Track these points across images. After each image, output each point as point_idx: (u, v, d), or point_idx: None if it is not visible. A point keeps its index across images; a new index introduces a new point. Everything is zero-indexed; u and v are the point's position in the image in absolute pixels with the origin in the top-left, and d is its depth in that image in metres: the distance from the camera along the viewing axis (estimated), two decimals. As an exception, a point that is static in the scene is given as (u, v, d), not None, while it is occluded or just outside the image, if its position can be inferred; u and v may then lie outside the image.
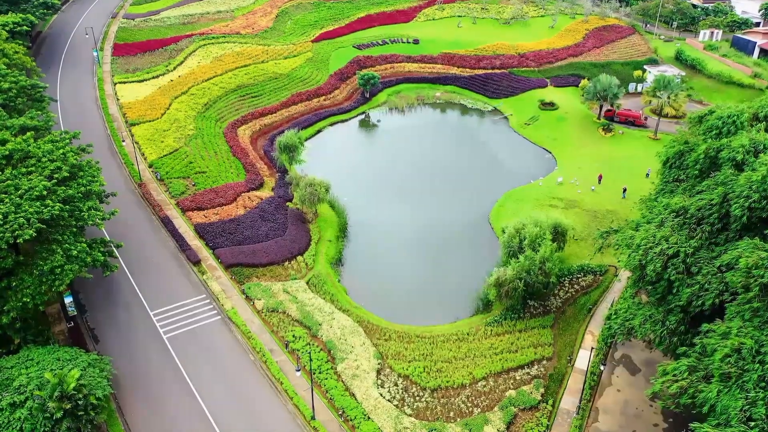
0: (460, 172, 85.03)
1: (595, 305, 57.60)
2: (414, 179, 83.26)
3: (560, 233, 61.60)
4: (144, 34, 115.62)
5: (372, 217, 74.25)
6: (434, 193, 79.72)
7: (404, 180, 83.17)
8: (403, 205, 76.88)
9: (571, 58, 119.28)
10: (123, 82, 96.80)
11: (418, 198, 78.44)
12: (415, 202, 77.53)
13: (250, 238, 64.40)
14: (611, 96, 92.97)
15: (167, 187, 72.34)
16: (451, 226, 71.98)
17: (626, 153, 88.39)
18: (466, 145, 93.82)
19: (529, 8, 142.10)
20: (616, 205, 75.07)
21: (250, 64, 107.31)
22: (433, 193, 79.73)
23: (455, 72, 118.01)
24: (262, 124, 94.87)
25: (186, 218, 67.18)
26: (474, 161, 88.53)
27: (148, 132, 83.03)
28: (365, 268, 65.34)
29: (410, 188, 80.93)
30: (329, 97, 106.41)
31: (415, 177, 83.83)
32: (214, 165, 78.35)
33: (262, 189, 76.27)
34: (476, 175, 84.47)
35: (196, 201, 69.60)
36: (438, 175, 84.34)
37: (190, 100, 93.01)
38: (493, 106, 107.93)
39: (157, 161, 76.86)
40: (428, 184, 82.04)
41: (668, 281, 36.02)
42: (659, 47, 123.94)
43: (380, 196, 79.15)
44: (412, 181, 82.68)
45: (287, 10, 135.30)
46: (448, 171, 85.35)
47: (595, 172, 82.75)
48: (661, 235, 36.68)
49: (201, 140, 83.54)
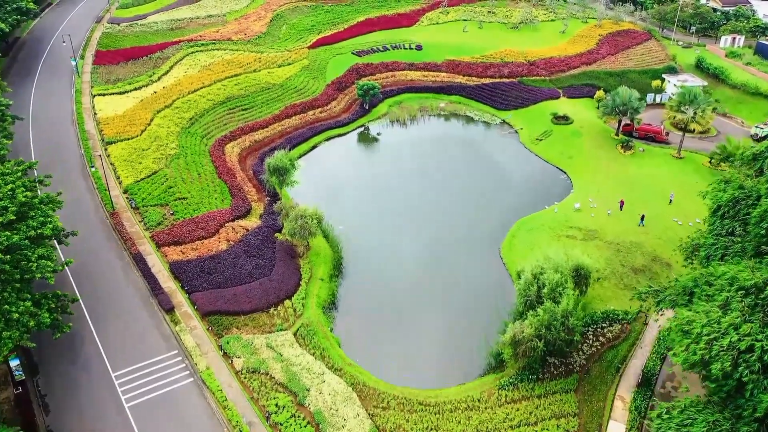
0: (468, 196, 77.61)
1: (625, 363, 50.27)
2: (416, 204, 75.88)
3: (582, 276, 54.25)
4: (128, 41, 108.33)
5: (369, 249, 66.94)
6: (439, 220, 72.31)
7: (405, 204, 75.80)
8: (405, 234, 69.57)
9: (584, 67, 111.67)
10: (102, 94, 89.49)
11: (420, 226, 71.08)
12: (417, 231, 70.19)
13: (232, 279, 57.09)
14: (631, 111, 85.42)
15: (142, 217, 65.07)
16: (459, 262, 64.64)
17: (648, 173, 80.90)
18: (473, 163, 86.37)
19: (539, 12, 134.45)
20: (640, 236, 67.63)
21: (241, 73, 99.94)
22: (437, 220, 72.33)
23: (461, 81, 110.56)
24: (252, 140, 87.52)
25: (161, 255, 59.90)
26: (482, 182, 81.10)
27: (126, 152, 75.74)
28: (361, 313, 58.00)
29: (412, 214, 73.56)
30: (326, 109, 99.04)
31: (417, 201, 76.44)
32: (197, 189, 71.04)
33: (249, 217, 69.00)
34: (485, 198, 77.05)
35: (173, 234, 62.29)
36: (443, 199, 76.94)
37: (173, 115, 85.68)
38: (502, 118, 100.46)
39: (133, 186, 69.58)
40: (432, 209, 74.64)
41: (738, 380, 28.67)
42: (678, 54, 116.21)
43: (379, 224, 71.81)
44: (414, 206, 75.30)
45: (282, 13, 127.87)
46: (454, 194, 77.94)
47: (614, 195, 75.33)
48: (729, 322, 29.26)
49: (184, 160, 76.21)
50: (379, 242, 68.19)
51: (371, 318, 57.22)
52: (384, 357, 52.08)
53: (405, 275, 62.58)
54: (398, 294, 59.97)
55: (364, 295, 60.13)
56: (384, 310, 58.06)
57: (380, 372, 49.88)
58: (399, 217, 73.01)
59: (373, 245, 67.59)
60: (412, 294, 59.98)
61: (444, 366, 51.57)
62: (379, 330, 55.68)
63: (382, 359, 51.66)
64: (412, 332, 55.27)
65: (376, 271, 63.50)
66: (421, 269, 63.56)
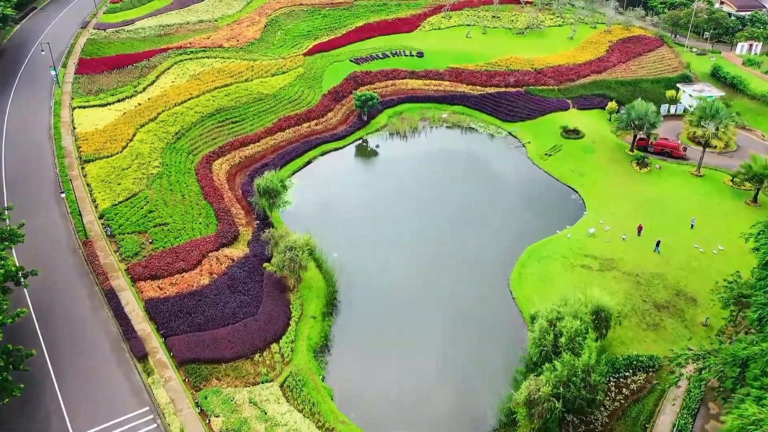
0: (473, 218, 72.03)
1: (652, 420, 44.71)
2: (417, 228, 70.26)
3: (603, 319, 48.72)
4: (114, 48, 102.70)
5: (366, 281, 61.35)
6: (442, 247, 66.69)
7: (405, 228, 70.18)
8: (405, 264, 63.98)
9: (594, 75, 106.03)
10: (83, 106, 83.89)
11: (422, 254, 65.46)
12: (418, 260, 64.59)
13: (213, 320, 51.50)
14: (648, 125, 79.77)
15: (118, 246, 59.46)
16: (465, 297, 59.03)
17: (666, 194, 75.35)
18: (478, 180, 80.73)
19: (545, 16, 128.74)
20: (661, 266, 62.08)
21: (232, 83, 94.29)
22: (440, 247, 66.70)
23: (464, 90, 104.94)
24: (242, 156, 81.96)
25: (136, 291, 54.31)
26: (489, 203, 75.49)
27: (104, 171, 70.16)
28: (356, 357, 52.41)
29: (413, 240, 67.89)
30: (321, 121, 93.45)
31: (418, 225, 70.81)
32: (180, 213, 65.46)
33: (235, 244, 63.45)
34: (492, 221, 71.47)
35: (150, 267, 56.71)
36: (446, 222, 71.32)
37: (158, 129, 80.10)
38: (508, 131, 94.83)
39: (110, 210, 64.00)
40: (435, 234, 69.01)
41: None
42: (692, 61, 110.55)
43: (376, 251, 66.22)
44: (415, 231, 69.66)
45: (278, 18, 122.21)
46: (458, 216, 72.34)
47: (631, 219, 69.88)
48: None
49: (167, 180, 70.66)
50: (377, 273, 62.64)
51: (368, 364, 51.65)
52: (382, 411, 46.56)
53: (405, 313, 57.01)
54: (397, 335, 54.41)
55: (360, 336, 54.56)
56: (382, 353, 52.52)
57: (377, 431, 44.33)
58: (398, 242, 67.42)
59: (370, 276, 62.04)
60: (412, 335, 54.40)
61: (450, 422, 45.96)
62: (377, 378, 50.11)
63: (379, 414, 46.16)
64: (413, 381, 49.69)
65: (372, 307, 57.92)
66: (423, 306, 57.98)
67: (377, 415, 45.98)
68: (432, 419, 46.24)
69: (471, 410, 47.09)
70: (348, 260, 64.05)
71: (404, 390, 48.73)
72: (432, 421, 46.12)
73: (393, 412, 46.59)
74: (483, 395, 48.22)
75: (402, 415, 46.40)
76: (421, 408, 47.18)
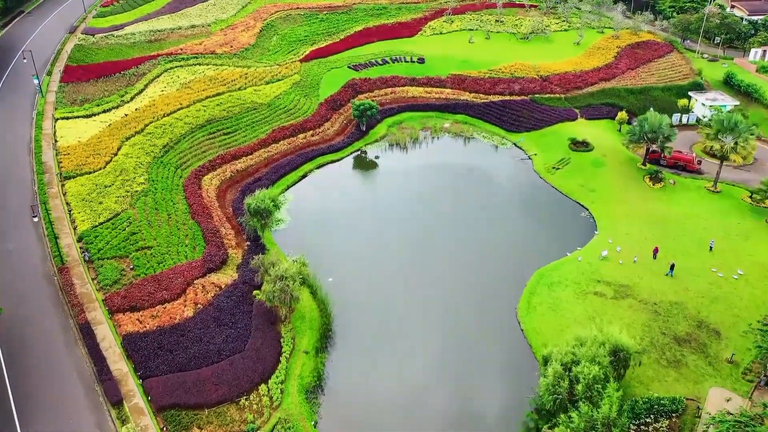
0: (478, 238, 67.86)
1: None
2: (418, 248, 66.05)
3: (622, 359, 44.55)
4: (102, 54, 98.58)
5: (363, 308, 57.19)
6: (445, 271, 62.48)
7: (405, 248, 65.99)
8: (405, 288, 59.82)
9: (602, 83, 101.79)
10: (66, 117, 79.81)
11: (423, 279, 61.27)
12: (420, 284, 60.41)
13: (196, 358, 47.33)
14: (662, 139, 75.56)
15: (96, 273, 55.29)
16: (469, 328, 54.82)
17: (682, 212, 71.17)
18: (483, 196, 76.49)
19: (550, 21, 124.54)
20: (680, 294, 57.85)
21: (224, 92, 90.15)
22: (443, 271, 62.49)
23: (467, 98, 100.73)
24: (234, 170, 77.78)
25: (113, 324, 50.13)
26: (493, 221, 71.31)
27: (86, 188, 66.02)
28: (352, 398, 48.15)
29: (413, 263, 63.69)
30: (318, 132, 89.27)
31: (419, 245, 66.60)
32: (165, 235, 61.32)
33: (224, 269, 59.31)
34: (497, 242, 67.31)
35: (130, 296, 52.53)
36: (450, 242, 67.12)
37: (145, 142, 75.97)
38: (513, 142, 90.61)
39: (90, 232, 59.85)
40: (437, 256, 64.82)
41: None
42: (704, 68, 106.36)
43: (375, 273, 62.07)
44: (416, 251, 65.46)
45: (273, 23, 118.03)
46: (462, 236, 68.15)
47: (646, 240, 65.77)
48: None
49: (152, 198, 66.51)
50: (375, 299, 58.45)
51: (364, 405, 47.42)
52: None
53: (405, 347, 52.80)
54: (396, 372, 50.20)
55: (356, 374, 50.31)
56: (379, 393, 48.30)
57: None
58: (397, 264, 63.25)
59: (367, 304, 57.85)
60: (413, 372, 50.21)
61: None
62: (374, 422, 45.87)
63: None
64: (414, 425, 45.45)
65: (369, 340, 53.69)
66: (425, 339, 53.78)
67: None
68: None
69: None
70: (344, 284, 59.91)
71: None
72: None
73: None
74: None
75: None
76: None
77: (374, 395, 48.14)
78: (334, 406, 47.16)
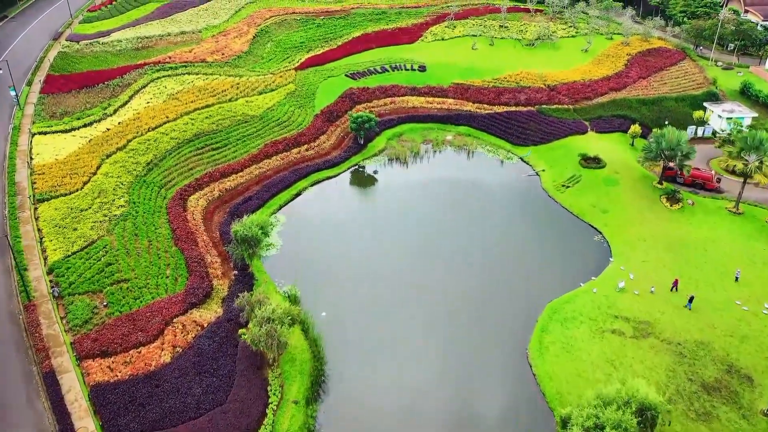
0: (483, 265, 62.94)
1: None
2: (419, 276, 61.06)
3: (648, 418, 39.61)
4: (86, 63, 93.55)
5: (359, 346, 52.23)
6: (449, 304, 57.49)
7: (405, 276, 61.02)
8: (405, 324, 54.86)
9: (613, 93, 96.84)
10: (44, 132, 74.81)
11: (426, 312, 56.31)
12: (422, 319, 55.47)
13: (172, 414, 42.38)
14: (680, 157, 70.61)
15: (66, 311, 50.32)
16: (476, 372, 49.86)
17: (702, 236, 66.25)
18: (487, 217, 71.52)
19: (557, 26, 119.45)
20: (706, 332, 52.97)
21: (214, 103, 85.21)
22: (447, 304, 57.50)
23: (470, 109, 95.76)
24: (222, 189, 72.81)
25: (81, 372, 45.16)
26: (501, 245, 66.35)
27: (60, 212, 61.06)
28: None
29: (414, 292, 58.71)
30: (313, 146, 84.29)
31: (420, 272, 61.62)
32: (144, 265, 56.36)
33: (207, 303, 54.45)
34: (504, 270, 62.39)
35: (101, 339, 47.56)
36: (453, 270, 62.14)
37: (127, 159, 71.06)
38: (519, 156, 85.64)
39: (62, 263, 54.87)
40: (440, 287, 59.83)
41: None
42: (718, 77, 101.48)
43: (372, 304, 57.08)
44: (417, 280, 60.45)
45: (268, 28, 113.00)
46: (466, 261, 63.23)
47: (664, 267, 61.03)
48: None
49: (132, 222, 61.54)
50: (371, 336, 53.53)
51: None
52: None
53: (405, 397, 47.78)
54: (395, 428, 45.17)
55: (351, 429, 45.31)
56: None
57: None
58: (396, 295, 58.26)
59: (363, 342, 52.89)
60: (415, 427, 45.17)
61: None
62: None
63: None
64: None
65: (365, 387, 48.71)
66: (427, 385, 48.81)
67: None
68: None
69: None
70: (339, 318, 55.04)
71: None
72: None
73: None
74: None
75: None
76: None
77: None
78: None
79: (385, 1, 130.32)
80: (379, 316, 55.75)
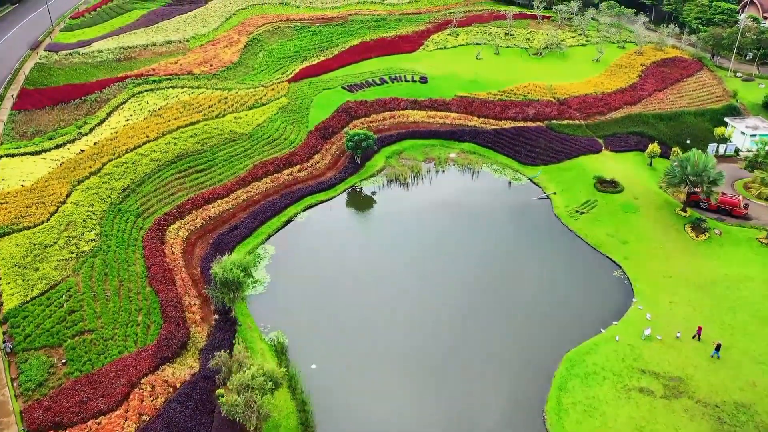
0: (492, 306, 56.73)
1: None
2: (421, 320, 54.90)
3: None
4: (64, 76, 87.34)
5: (354, 407, 46.00)
6: (455, 351, 51.32)
7: (405, 318, 54.87)
8: (406, 380, 48.67)
9: (627, 108, 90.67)
10: (12, 154, 68.65)
11: (429, 365, 50.12)
12: (424, 375, 49.27)
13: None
14: (707, 183, 64.44)
15: (18, 371, 44.10)
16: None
17: (734, 272, 60.09)
18: (494, 247, 65.42)
19: (566, 34, 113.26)
20: (746, 391, 46.83)
21: (199, 120, 79.10)
22: (453, 351, 51.34)
23: (474, 124, 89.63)
24: (205, 217, 66.63)
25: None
26: (510, 281, 60.19)
27: (21, 249, 54.82)
28: None
29: (415, 340, 52.53)
30: (306, 166, 78.13)
31: (422, 316, 55.44)
32: (112, 312, 50.18)
33: (183, 355, 48.33)
34: (515, 311, 56.17)
35: (56, 407, 41.33)
36: (458, 310, 55.95)
37: (101, 185, 64.97)
38: (528, 177, 79.49)
39: (18, 311, 48.68)
40: (444, 330, 53.67)
41: None
42: (738, 89, 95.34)
43: (368, 354, 50.92)
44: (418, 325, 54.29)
45: (260, 37, 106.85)
46: (473, 302, 57.04)
47: (694, 311, 54.90)
48: None
49: (102, 260, 55.35)
50: (368, 392, 47.40)
51: None
52: None
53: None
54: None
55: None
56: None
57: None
58: (395, 343, 52.09)
59: (358, 402, 46.66)
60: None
61: None
62: None
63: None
64: None
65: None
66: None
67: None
68: None
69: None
70: (331, 370, 48.90)
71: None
72: None
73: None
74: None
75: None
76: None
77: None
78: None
79: (385, 8, 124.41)
80: (377, 369, 49.60)
